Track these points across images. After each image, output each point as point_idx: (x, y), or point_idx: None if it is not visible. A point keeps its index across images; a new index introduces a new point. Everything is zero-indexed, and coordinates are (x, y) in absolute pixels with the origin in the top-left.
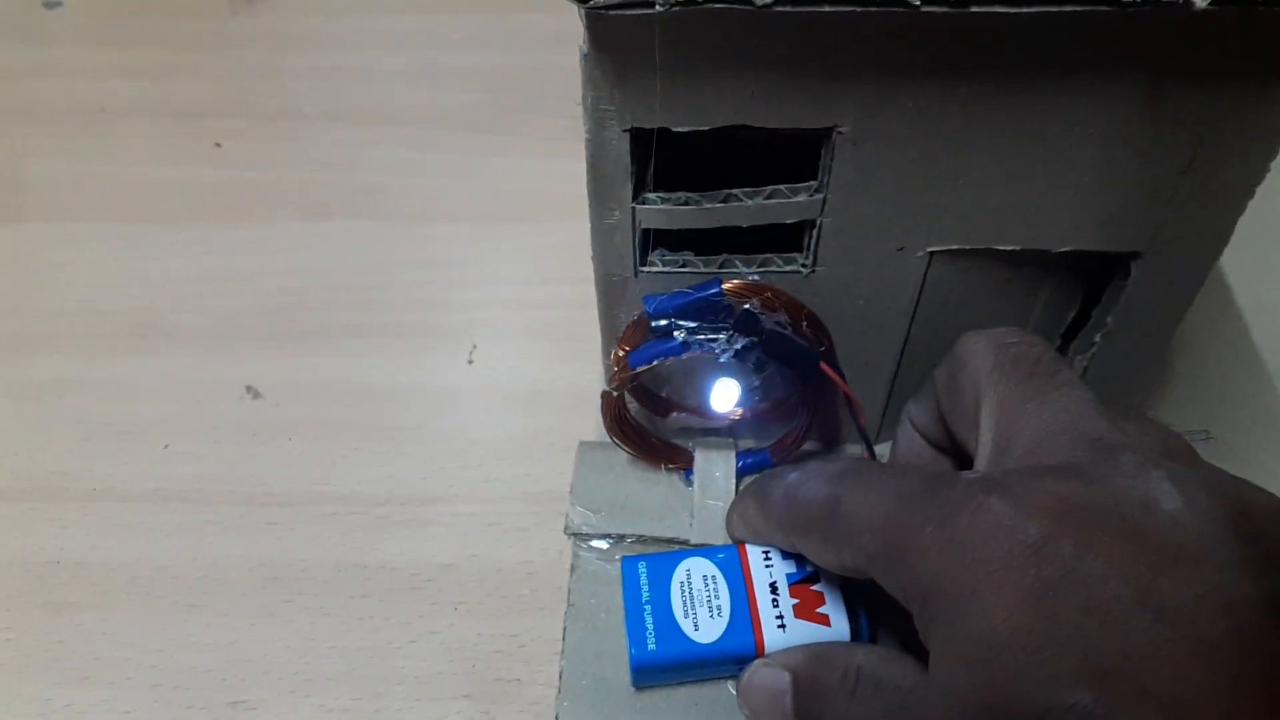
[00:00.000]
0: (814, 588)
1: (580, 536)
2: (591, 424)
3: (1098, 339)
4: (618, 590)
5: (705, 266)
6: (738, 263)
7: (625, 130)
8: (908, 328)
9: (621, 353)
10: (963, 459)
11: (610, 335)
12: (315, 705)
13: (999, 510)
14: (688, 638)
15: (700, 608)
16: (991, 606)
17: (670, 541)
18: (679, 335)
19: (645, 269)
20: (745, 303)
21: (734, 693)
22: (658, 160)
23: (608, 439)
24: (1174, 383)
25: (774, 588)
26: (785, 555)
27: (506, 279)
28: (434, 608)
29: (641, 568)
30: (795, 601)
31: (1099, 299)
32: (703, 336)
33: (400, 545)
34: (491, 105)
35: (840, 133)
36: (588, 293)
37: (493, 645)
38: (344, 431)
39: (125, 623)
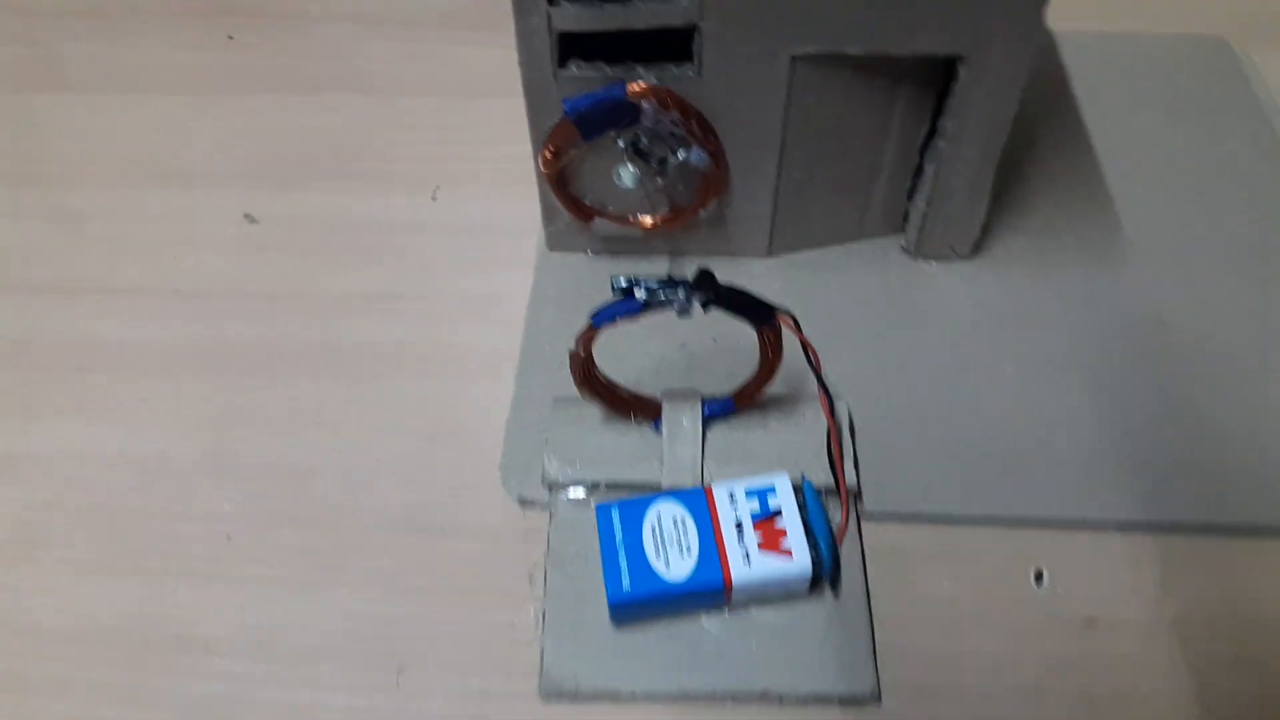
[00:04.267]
0: (777, 524)
1: (557, 486)
2: (534, 246)
3: (943, 144)
4: (594, 537)
5: (613, 73)
6: (639, 69)
7: None
8: (783, 131)
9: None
10: None
11: (538, 137)
12: (298, 440)
13: None
14: (660, 576)
15: (671, 547)
16: None
17: (643, 486)
18: (640, 295)
19: (564, 72)
20: (643, 100)
21: (706, 627)
22: None
23: (578, 394)
24: (1023, 189)
25: (739, 526)
26: (750, 494)
27: (467, 140)
28: (395, 371)
29: (614, 513)
30: (759, 538)
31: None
32: (663, 294)
33: (369, 329)
34: (464, 11)
35: None
36: (529, 150)
37: (439, 397)
38: (326, 248)
39: (141, 380)
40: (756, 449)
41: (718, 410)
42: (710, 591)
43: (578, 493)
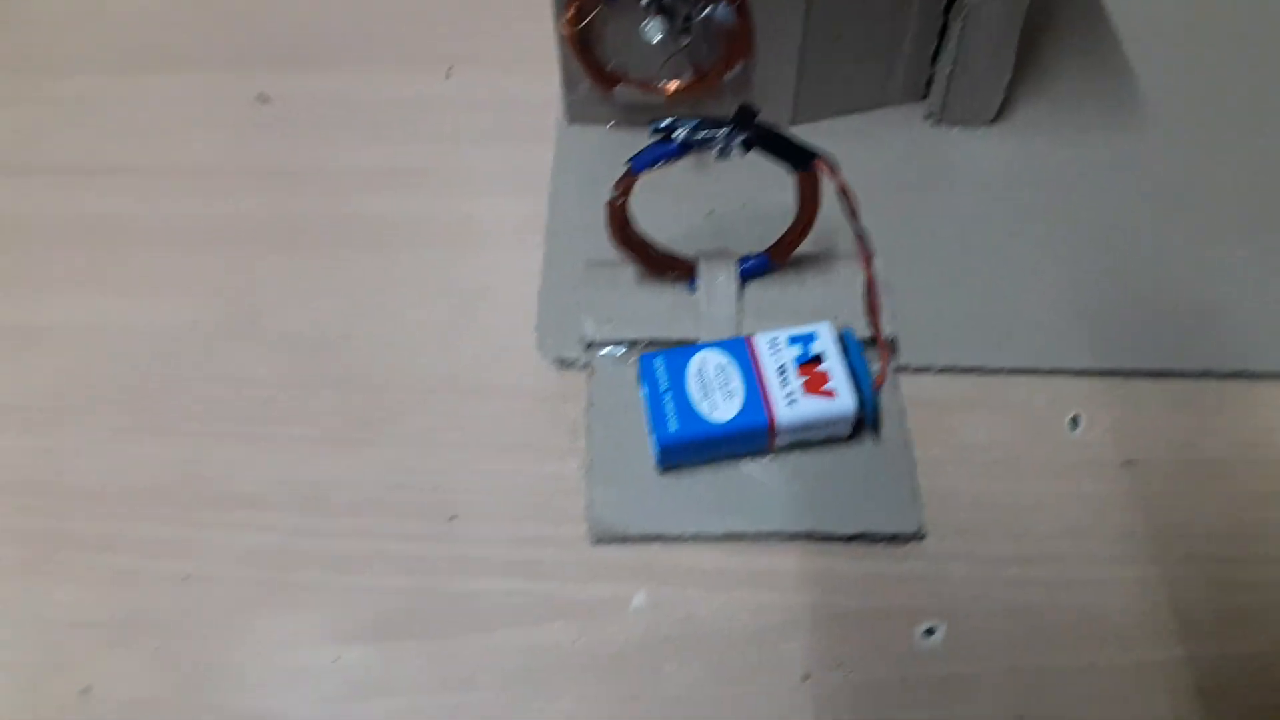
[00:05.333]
0: (819, 368)
1: (595, 345)
2: (552, 121)
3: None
4: (634, 389)
5: None
6: None
7: None
8: None
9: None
10: None
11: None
12: (328, 308)
13: None
14: (706, 418)
15: (716, 392)
16: None
17: (680, 342)
18: (679, 134)
19: None
20: None
21: (749, 472)
22: None
23: (612, 258)
24: (1041, 56)
25: (782, 370)
26: (792, 341)
27: (480, 18)
28: (419, 243)
29: (658, 362)
30: (803, 379)
31: None
32: (703, 134)
33: (391, 202)
34: None
35: None
36: (547, 30)
37: (465, 266)
38: (341, 126)
39: (161, 255)
40: (793, 305)
41: (753, 267)
42: (755, 432)
43: (616, 351)
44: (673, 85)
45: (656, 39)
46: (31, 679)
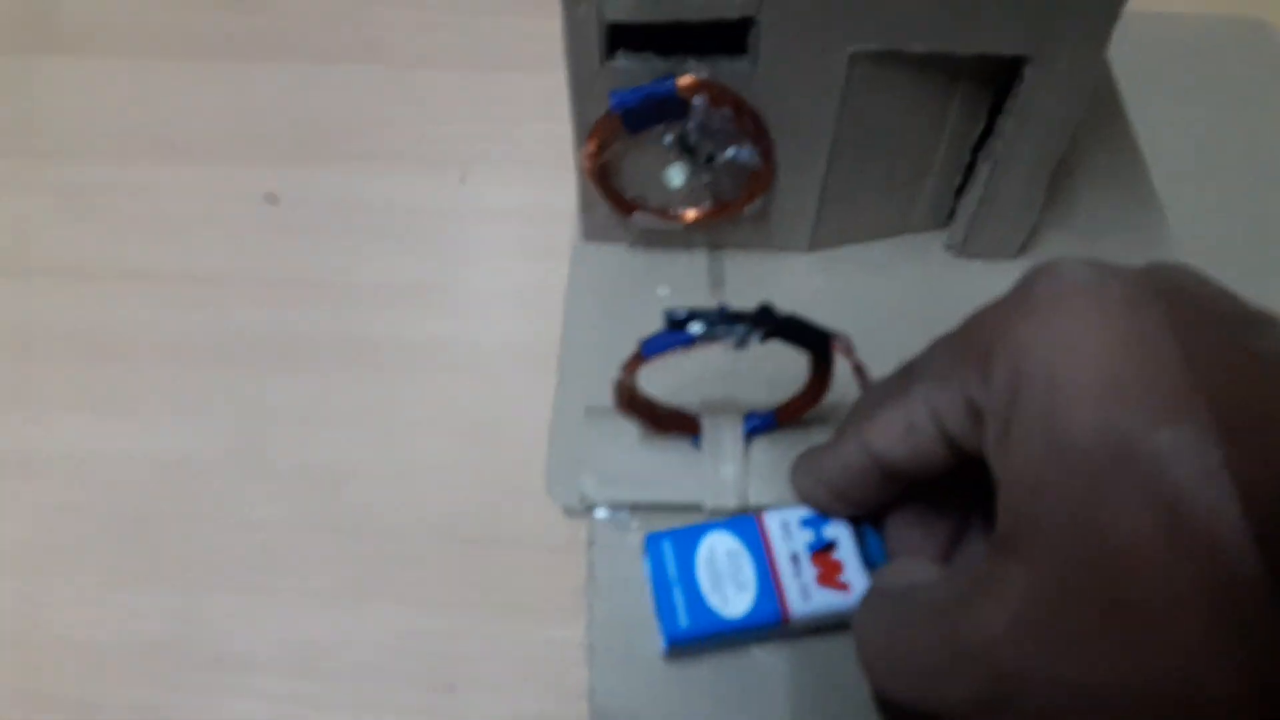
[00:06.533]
0: (833, 556)
1: (596, 505)
2: (567, 233)
3: (1000, 145)
4: (637, 561)
5: (663, 65)
6: (691, 62)
7: None
8: (835, 129)
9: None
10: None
11: (581, 129)
12: (331, 440)
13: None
14: (717, 612)
15: (727, 584)
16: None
17: (685, 507)
18: (695, 329)
19: (611, 64)
20: (695, 96)
21: (759, 658)
22: None
23: (609, 405)
24: (1068, 183)
25: (795, 558)
26: (804, 525)
27: (494, 117)
28: (428, 366)
29: (666, 546)
30: (817, 570)
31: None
32: (720, 329)
33: (399, 320)
34: None
35: None
36: (564, 131)
37: (475, 394)
38: (350, 233)
39: (159, 372)
40: None
41: (759, 426)
42: (768, 626)
43: (619, 514)
44: (691, 214)
45: (678, 183)
46: None
